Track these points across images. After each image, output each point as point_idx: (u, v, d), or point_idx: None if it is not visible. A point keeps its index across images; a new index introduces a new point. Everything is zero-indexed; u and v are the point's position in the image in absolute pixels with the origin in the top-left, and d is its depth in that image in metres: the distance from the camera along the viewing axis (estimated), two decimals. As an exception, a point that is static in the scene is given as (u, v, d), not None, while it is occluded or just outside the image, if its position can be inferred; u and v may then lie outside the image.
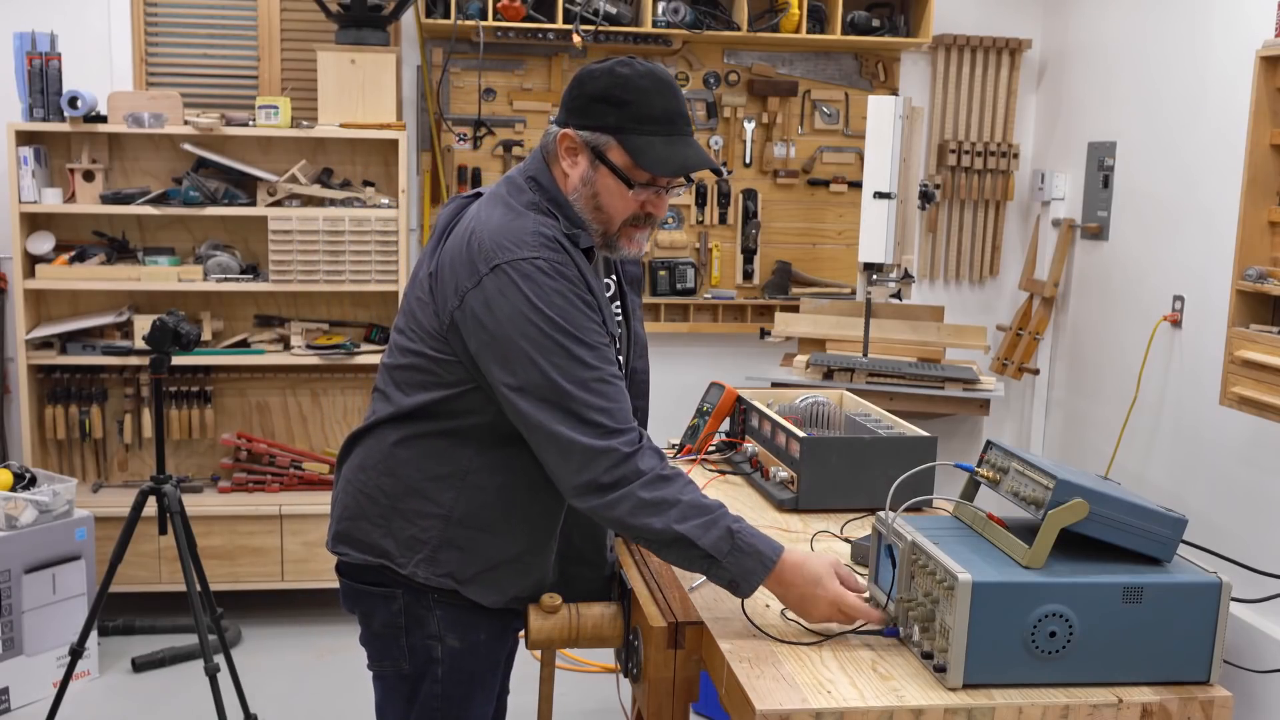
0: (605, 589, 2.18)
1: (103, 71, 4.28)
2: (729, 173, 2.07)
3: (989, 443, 1.91)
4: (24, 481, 3.64)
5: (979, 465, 1.91)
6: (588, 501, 1.78)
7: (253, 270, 4.21)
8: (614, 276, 2.11)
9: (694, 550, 1.76)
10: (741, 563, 1.76)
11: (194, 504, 3.73)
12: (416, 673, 2.01)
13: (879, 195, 4.13)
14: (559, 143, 1.90)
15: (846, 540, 2.22)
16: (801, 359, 4.19)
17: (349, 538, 2.01)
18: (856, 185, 4.64)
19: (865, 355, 4.25)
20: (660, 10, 4.37)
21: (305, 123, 4.13)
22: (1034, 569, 1.64)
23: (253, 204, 4.13)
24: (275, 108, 4.04)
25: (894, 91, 4.71)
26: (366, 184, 4.31)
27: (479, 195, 2.02)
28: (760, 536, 1.80)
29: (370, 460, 1.98)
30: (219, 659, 3.20)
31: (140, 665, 3.80)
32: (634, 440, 1.79)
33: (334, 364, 4.22)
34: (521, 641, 2.12)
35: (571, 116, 1.89)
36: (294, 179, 4.13)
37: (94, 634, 3.66)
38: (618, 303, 2.10)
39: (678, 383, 4.71)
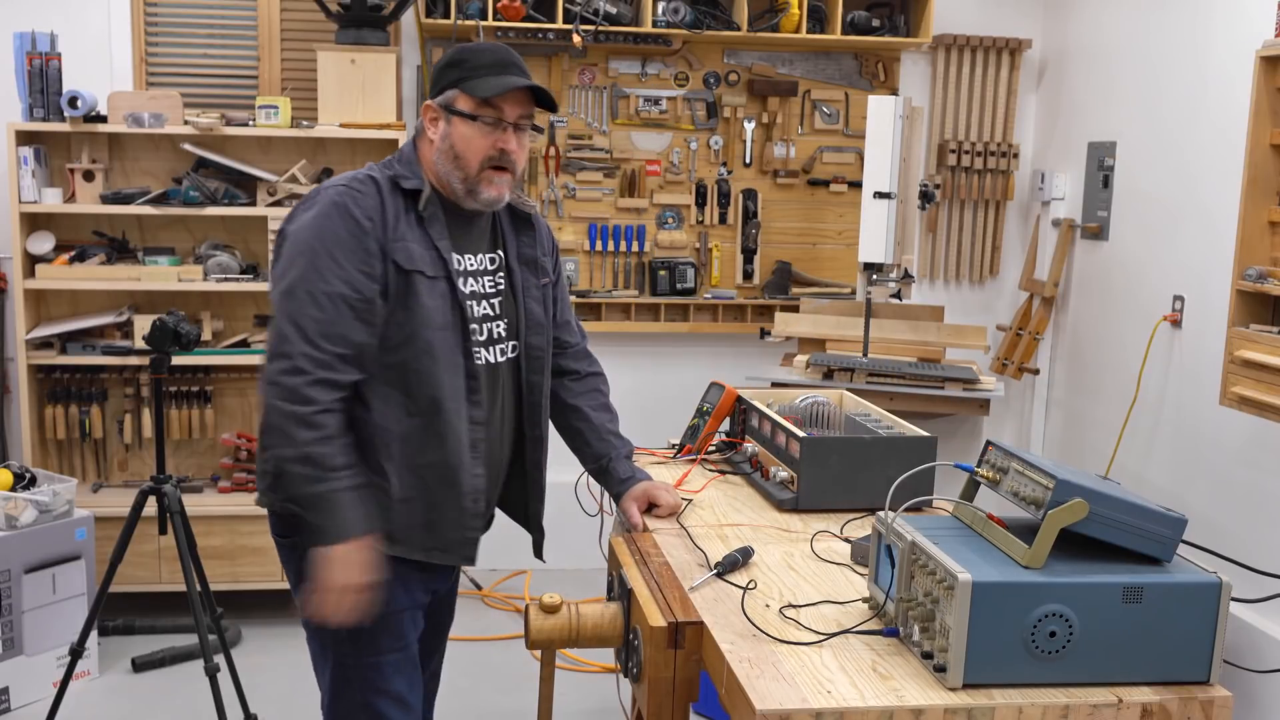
0: (468, 547, 2.26)
1: (103, 71, 4.28)
2: (558, 119, 2.33)
3: (989, 443, 1.91)
4: (24, 481, 3.64)
5: (979, 465, 1.91)
6: (261, 389, 2.04)
7: (253, 270, 4.21)
8: (500, 252, 2.26)
9: (305, 485, 1.98)
10: (330, 518, 1.99)
11: (194, 504, 3.73)
12: (324, 633, 2.15)
13: (879, 195, 4.13)
14: (423, 115, 2.18)
15: (846, 540, 2.22)
16: (801, 359, 4.19)
17: (260, 496, 2.22)
18: (856, 185, 4.64)
19: (865, 355, 4.25)
20: (660, 10, 4.37)
21: (305, 123, 4.13)
22: (1034, 569, 1.64)
23: (253, 204, 4.13)
24: (275, 108, 4.04)
25: (894, 91, 4.71)
26: (366, 184, 4.30)
27: None
28: (353, 513, 2.00)
29: None
30: (219, 659, 3.20)
31: (140, 665, 3.80)
32: (327, 360, 1.99)
33: (334, 364, 4.21)
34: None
35: (430, 92, 2.18)
36: (294, 179, 4.13)
37: (94, 634, 3.66)
38: (501, 275, 2.24)
39: (678, 383, 4.72)
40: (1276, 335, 2.95)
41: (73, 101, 3.89)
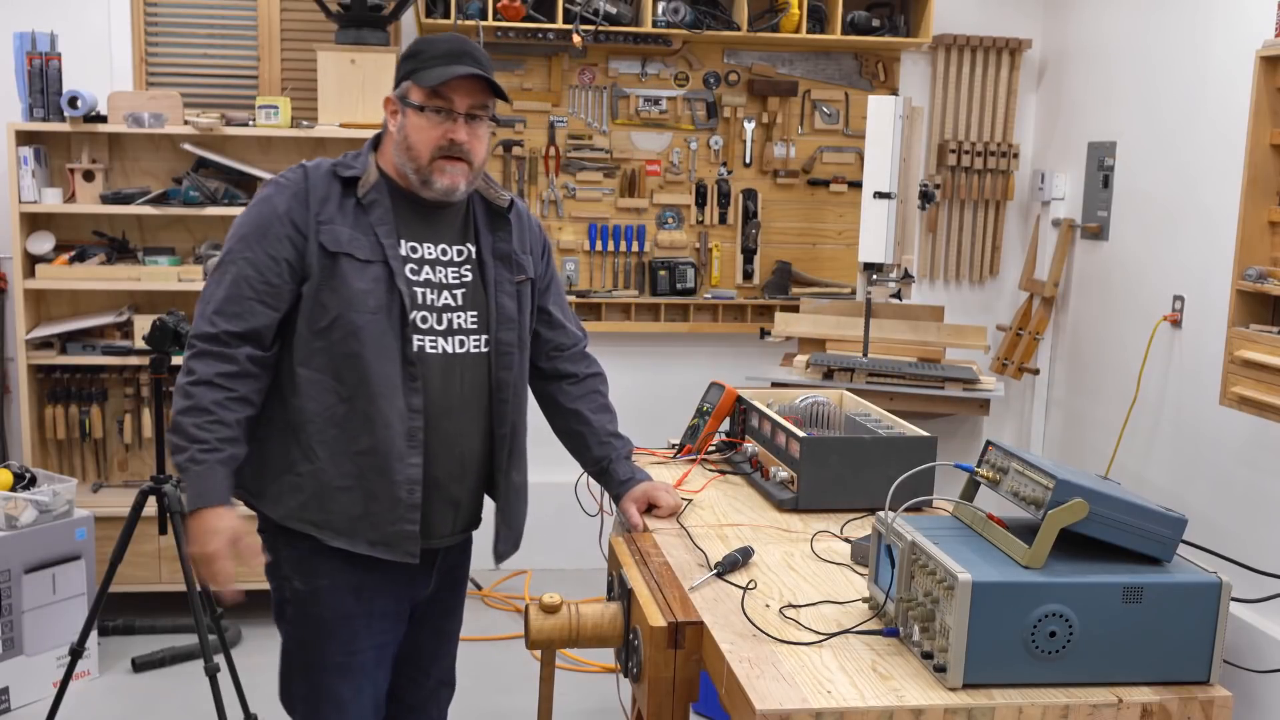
0: (465, 522, 2.28)
1: (103, 71, 4.28)
2: (508, 101, 2.32)
3: (989, 443, 1.91)
4: (24, 481, 3.64)
5: (979, 465, 1.91)
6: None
7: (253, 270, 4.20)
8: (470, 246, 2.24)
9: (178, 448, 2.04)
10: (189, 477, 2.04)
11: (194, 504, 3.73)
12: (277, 612, 2.25)
13: (879, 195, 4.13)
14: (385, 109, 2.20)
15: (846, 540, 2.22)
16: (801, 359, 4.19)
17: None
18: (856, 185, 4.64)
19: (865, 355, 4.25)
20: (660, 10, 4.37)
21: (305, 123, 4.13)
22: (1034, 569, 1.64)
23: (253, 204, 4.13)
24: (275, 108, 4.04)
25: (894, 91, 4.71)
26: (366, 184, 4.30)
27: None
28: (207, 484, 2.03)
29: None
30: (219, 659, 3.20)
31: (140, 665, 3.80)
32: (218, 336, 2.06)
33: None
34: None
35: (394, 85, 2.20)
36: (294, 179, 4.13)
37: (94, 634, 3.66)
38: (469, 267, 2.23)
39: (678, 383, 4.72)
40: (1276, 335, 2.95)
41: (73, 101, 3.89)
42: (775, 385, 3.97)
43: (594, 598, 2.18)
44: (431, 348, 2.16)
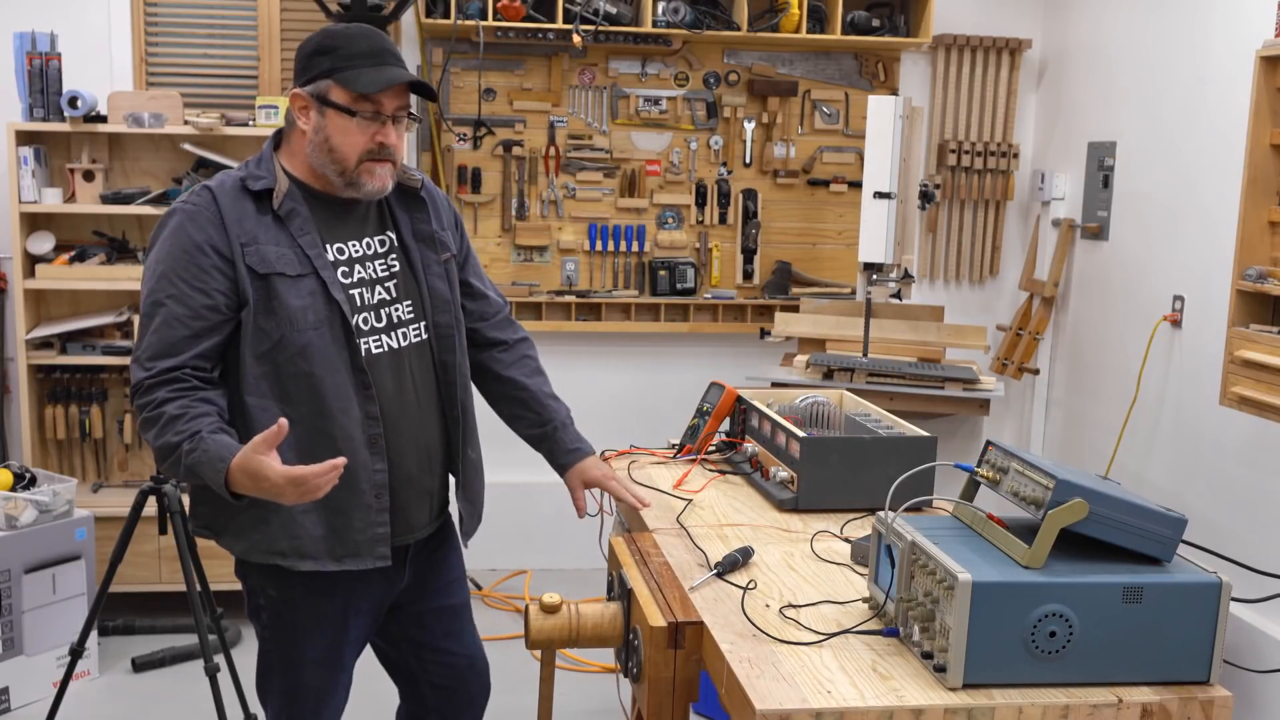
0: (440, 508, 2.28)
1: (103, 71, 4.28)
2: (435, 99, 2.26)
3: (989, 443, 1.91)
4: (24, 481, 3.64)
5: (979, 465, 1.91)
6: (132, 402, 2.05)
7: (253, 270, 4.21)
8: (390, 233, 2.19)
9: (177, 461, 1.95)
10: (201, 466, 1.93)
11: (194, 504, 3.73)
12: (252, 613, 2.22)
13: (879, 195, 4.13)
14: (292, 104, 2.09)
15: (846, 540, 2.22)
16: (801, 359, 4.19)
17: None
18: (856, 185, 4.64)
19: (865, 355, 4.25)
20: (660, 10, 4.37)
21: (305, 123, 4.13)
22: (1034, 569, 1.64)
23: (253, 204, 4.13)
24: (275, 108, 4.04)
25: (894, 91, 4.71)
26: (366, 184, 4.30)
27: None
28: (217, 446, 1.92)
29: None
30: (219, 659, 3.20)
31: (140, 665, 3.80)
32: (156, 374, 1.97)
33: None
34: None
35: (296, 80, 2.09)
36: (294, 179, 4.13)
37: (94, 634, 3.66)
38: (394, 256, 2.18)
39: (678, 383, 4.72)
40: (1276, 335, 2.95)
41: (73, 101, 3.89)
42: (775, 385, 3.97)
43: (594, 598, 2.18)
44: (378, 348, 2.12)
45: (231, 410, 2.06)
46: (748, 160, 4.70)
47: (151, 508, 3.23)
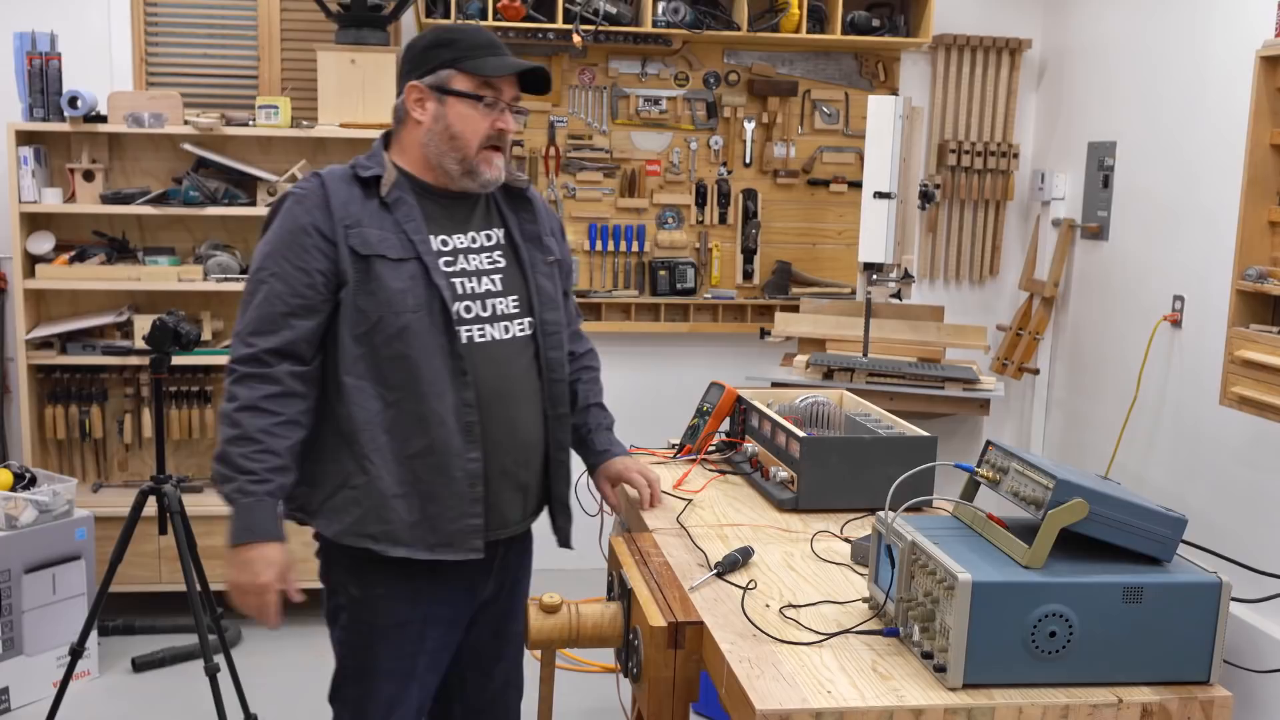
0: (534, 506, 2.28)
1: (103, 71, 4.28)
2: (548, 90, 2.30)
3: (989, 443, 1.91)
4: (24, 481, 3.64)
5: (979, 465, 1.91)
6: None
7: (253, 270, 4.20)
8: (498, 230, 2.23)
9: (224, 478, 2.04)
10: (240, 509, 2.04)
11: (194, 504, 3.72)
12: (331, 618, 2.21)
13: (879, 195, 4.13)
14: (407, 98, 2.14)
15: (846, 540, 2.22)
16: (801, 359, 4.19)
17: None
18: (856, 185, 4.64)
19: (865, 355, 4.25)
20: (660, 10, 4.37)
21: (305, 123, 4.13)
22: (1034, 569, 1.64)
23: (253, 204, 4.13)
24: (275, 108, 4.04)
25: (894, 91, 4.71)
26: (366, 184, 4.30)
27: None
28: (257, 518, 2.02)
29: None
30: (219, 659, 3.20)
31: (140, 665, 3.80)
32: (256, 356, 2.05)
33: (334, 364, 4.21)
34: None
35: (411, 74, 2.14)
36: (294, 179, 4.13)
37: (94, 634, 3.66)
38: (500, 252, 2.21)
39: (678, 382, 4.72)
40: (1276, 335, 2.95)
41: (73, 101, 3.89)
42: (775, 385, 3.97)
43: (594, 598, 2.17)
44: (480, 336, 2.13)
45: (328, 388, 2.10)
46: (748, 160, 4.70)
47: (151, 508, 3.23)
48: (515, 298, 2.19)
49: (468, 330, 2.11)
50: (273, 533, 2.03)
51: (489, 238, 2.21)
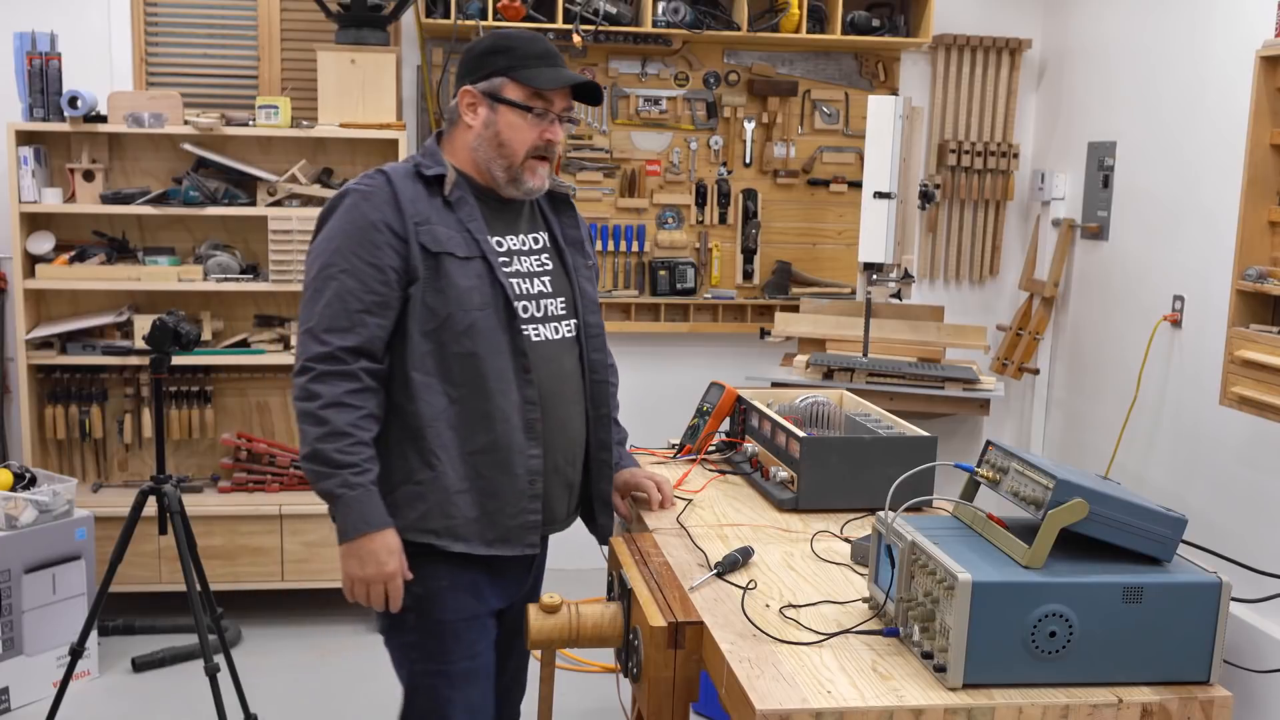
0: (577, 503, 2.31)
1: (103, 71, 4.28)
2: (603, 99, 2.31)
3: (989, 443, 1.91)
4: (24, 481, 3.64)
5: (979, 465, 1.91)
6: (293, 381, 2.07)
7: (253, 270, 4.21)
8: (543, 234, 2.27)
9: (321, 475, 2.02)
10: (345, 507, 2.03)
11: (194, 504, 3.73)
12: (396, 623, 2.17)
13: (879, 195, 4.13)
14: (460, 101, 2.15)
15: (846, 540, 2.22)
16: (801, 359, 4.19)
17: None
18: (856, 185, 4.64)
19: (865, 355, 4.25)
20: (660, 10, 4.37)
21: (305, 123, 4.13)
22: (1034, 569, 1.64)
23: (253, 204, 4.13)
24: (275, 108, 4.04)
25: (894, 91, 4.71)
26: (366, 184, 4.30)
27: None
28: (369, 508, 2.03)
29: None
30: (219, 659, 3.20)
31: (140, 665, 3.80)
32: (332, 355, 2.02)
33: (334, 364, 4.21)
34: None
35: (466, 78, 2.15)
36: (294, 179, 4.13)
37: (94, 634, 3.66)
38: (546, 255, 2.25)
39: (678, 382, 4.72)
40: (1276, 335, 2.95)
41: (73, 101, 3.89)
42: (775, 385, 3.97)
43: (594, 598, 2.18)
44: (537, 336, 2.17)
45: (395, 385, 2.10)
46: (748, 160, 4.70)
47: (151, 508, 3.23)
48: (562, 300, 2.24)
49: (526, 329, 2.15)
50: (387, 521, 2.05)
51: (536, 240, 2.25)
